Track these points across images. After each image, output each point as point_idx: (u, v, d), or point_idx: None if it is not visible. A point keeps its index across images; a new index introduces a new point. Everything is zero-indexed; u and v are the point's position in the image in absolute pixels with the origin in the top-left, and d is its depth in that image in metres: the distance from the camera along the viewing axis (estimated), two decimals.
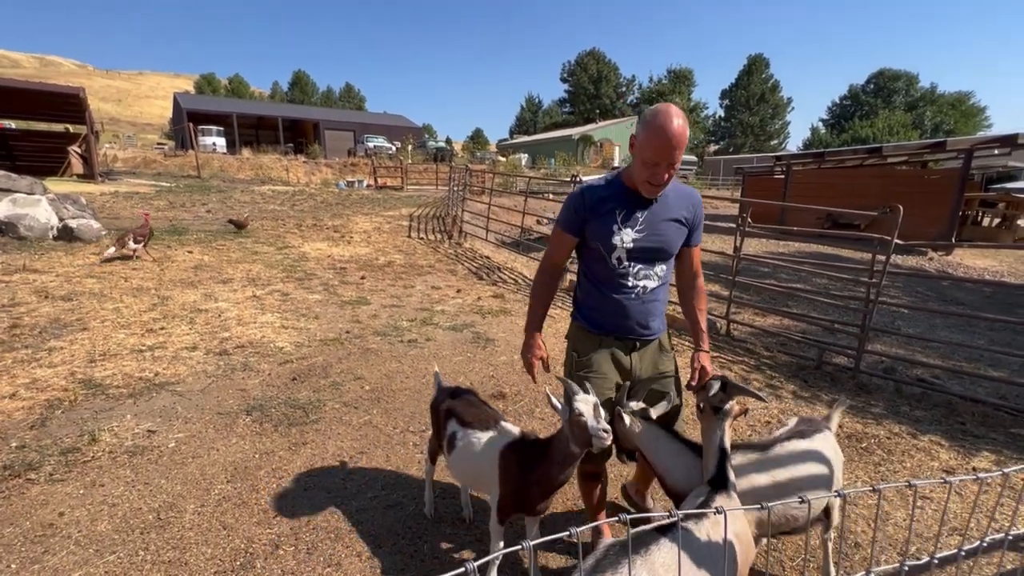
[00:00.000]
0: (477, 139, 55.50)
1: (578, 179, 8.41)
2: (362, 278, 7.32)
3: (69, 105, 16.51)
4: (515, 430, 2.03)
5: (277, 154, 28.12)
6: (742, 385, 1.68)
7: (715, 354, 4.97)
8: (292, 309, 5.70)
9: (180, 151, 26.45)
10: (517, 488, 1.87)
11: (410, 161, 27.20)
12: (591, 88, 57.29)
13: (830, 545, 2.06)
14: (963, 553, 1.00)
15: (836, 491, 1.03)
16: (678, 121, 1.62)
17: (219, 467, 2.80)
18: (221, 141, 30.20)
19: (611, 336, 1.95)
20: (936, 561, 0.78)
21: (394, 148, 31.46)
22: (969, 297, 8.76)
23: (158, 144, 35.86)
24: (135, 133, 45.57)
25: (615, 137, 41.93)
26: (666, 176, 1.71)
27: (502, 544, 1.97)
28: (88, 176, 16.64)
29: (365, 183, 21.53)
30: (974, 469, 3.07)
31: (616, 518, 0.70)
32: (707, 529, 1.36)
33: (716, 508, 0.68)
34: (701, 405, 1.74)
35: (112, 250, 7.05)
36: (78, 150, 17.05)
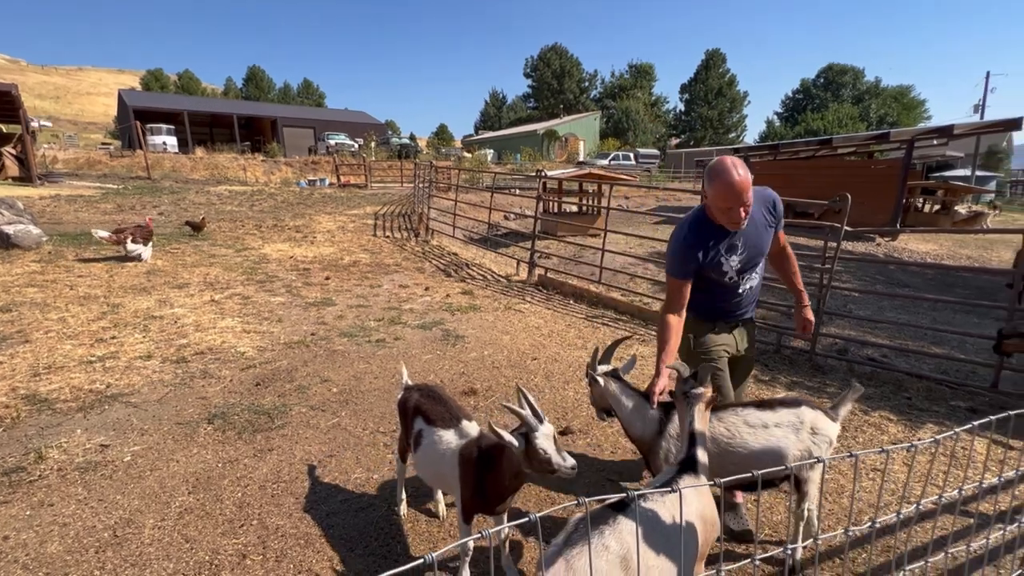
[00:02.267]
0: (442, 135, 54.89)
1: (543, 174, 8.45)
2: (327, 279, 7.16)
3: (1, 103, 15.43)
4: (474, 430, 2.02)
5: (233, 153, 27.10)
6: (713, 372, 1.74)
7: None
8: (254, 313, 5.52)
9: (127, 151, 25.13)
10: (474, 489, 1.87)
11: (374, 158, 26.68)
12: (554, 83, 57.52)
13: (807, 514, 2.16)
14: (900, 516, 1.06)
15: (787, 467, 1.08)
16: (740, 171, 1.88)
17: (179, 479, 2.69)
18: (172, 140, 28.84)
19: (720, 321, 2.27)
20: (877, 526, 0.83)
21: (356, 145, 30.77)
22: (913, 280, 9.29)
23: (103, 144, 33.98)
24: (76, 132, 43.03)
25: (580, 132, 42.30)
26: (743, 214, 1.94)
27: (471, 543, 1.98)
28: (25, 179, 15.60)
29: (328, 182, 21.01)
30: (918, 439, 3.27)
31: (575, 502, 0.71)
32: (669, 505, 1.42)
33: (673, 488, 0.71)
34: (674, 392, 1.80)
35: (104, 234, 6.88)
36: (12, 151, 15.96)
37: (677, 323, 2.12)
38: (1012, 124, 14.64)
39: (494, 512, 1.92)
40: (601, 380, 2.19)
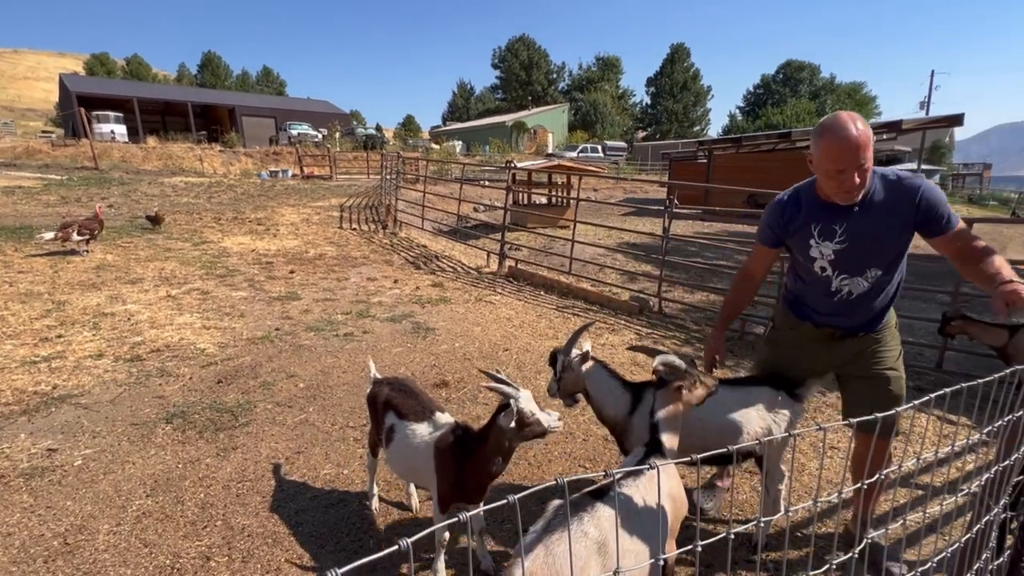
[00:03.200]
0: (409, 126, 53.95)
1: (513, 165, 8.42)
2: (291, 272, 6.95)
3: None
4: (449, 421, 2.00)
5: (189, 143, 25.86)
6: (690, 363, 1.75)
7: (649, 331, 5.20)
8: (214, 308, 5.31)
9: (71, 140, 23.64)
10: (452, 479, 1.85)
11: (338, 149, 26.00)
12: (522, 74, 57.29)
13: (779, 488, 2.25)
14: (841, 494, 1.11)
15: (759, 439, 1.10)
16: (852, 121, 1.50)
17: (136, 481, 2.57)
18: (121, 129, 27.26)
19: (808, 323, 1.89)
20: (818, 504, 0.87)
21: (320, 136, 29.90)
22: None
23: (43, 132, 31.84)
24: (13, 120, 40.20)
25: (548, 124, 42.33)
26: (858, 180, 1.54)
27: (447, 534, 1.97)
28: None
29: (290, 173, 20.36)
30: (875, 416, 3.43)
31: (552, 481, 0.70)
32: (642, 489, 1.45)
33: (650, 464, 0.71)
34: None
35: (50, 235, 6.41)
36: None
37: (741, 282, 2.01)
38: (954, 120, 15.47)
39: (473, 501, 1.91)
40: (578, 364, 2.17)
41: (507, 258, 7.69)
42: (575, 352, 2.22)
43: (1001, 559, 1.21)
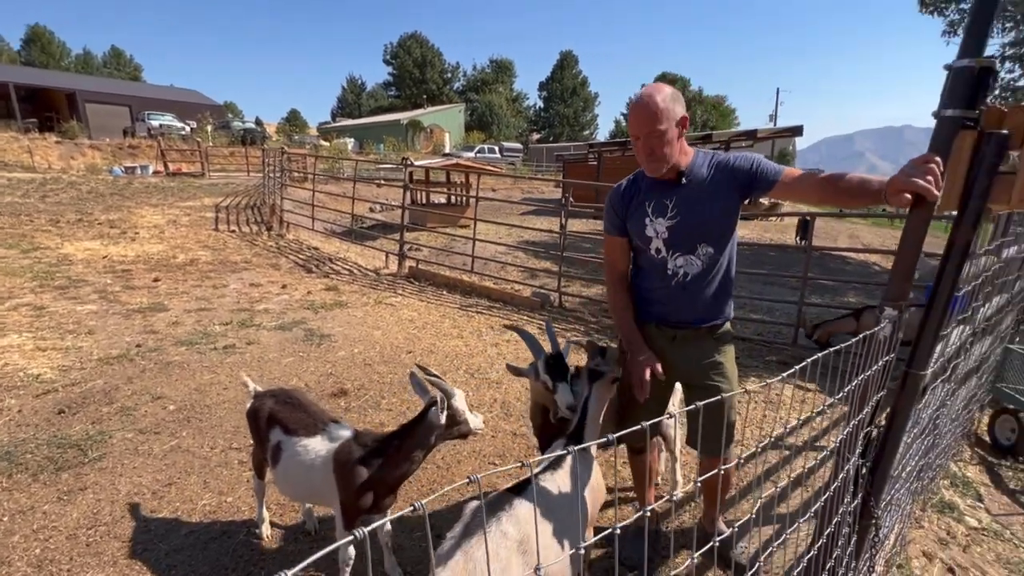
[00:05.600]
0: (294, 121, 50.24)
1: (409, 163, 8.18)
2: (155, 280, 6.09)
3: None
4: (347, 430, 1.86)
5: (13, 131, 21.62)
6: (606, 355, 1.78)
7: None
8: (52, 326, 4.46)
9: None
10: (360, 489, 1.73)
11: (211, 144, 23.41)
12: (416, 72, 56.14)
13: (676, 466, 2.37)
14: (742, 460, 1.21)
15: (671, 413, 1.14)
16: (651, 92, 1.57)
17: None
18: None
19: (651, 324, 1.86)
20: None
21: (188, 128, 26.67)
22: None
23: None
24: None
25: (444, 123, 41.96)
26: (655, 147, 1.61)
27: (352, 550, 1.82)
28: None
29: (152, 169, 17.87)
30: (746, 391, 3.84)
31: (466, 480, 0.64)
32: (560, 480, 1.45)
33: (567, 449, 0.68)
34: (579, 370, 1.80)
35: None
36: None
37: (616, 295, 1.89)
38: (796, 131, 18.04)
39: (383, 508, 1.82)
40: (559, 392, 1.85)
41: (407, 258, 7.45)
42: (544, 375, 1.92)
43: (856, 500, 1.39)
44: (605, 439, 0.72)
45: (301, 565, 0.52)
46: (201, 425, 3.03)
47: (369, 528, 0.55)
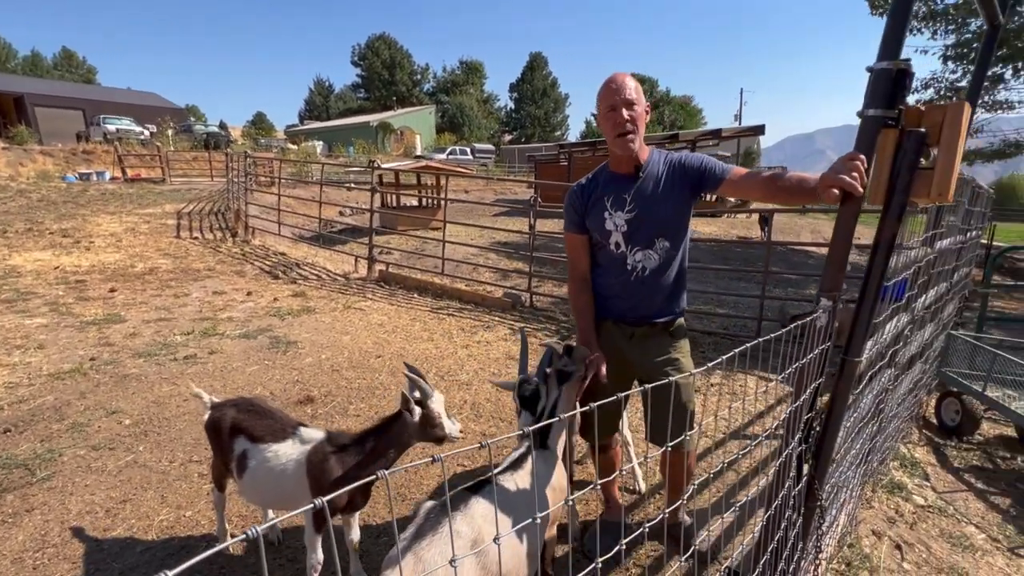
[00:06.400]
0: (260, 124, 49.04)
1: (377, 165, 8.09)
2: (112, 291, 5.86)
3: None
4: (318, 433, 1.85)
5: None
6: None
7: (522, 324, 5.37)
8: None
9: None
10: (334, 489, 1.71)
11: (172, 148, 22.65)
12: (385, 74, 55.53)
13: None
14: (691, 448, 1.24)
15: (637, 390, 1.16)
16: (626, 77, 1.70)
17: None
18: None
19: (609, 320, 1.90)
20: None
21: (148, 133, 25.72)
22: (701, 255, 11.21)
23: None
24: None
25: (415, 125, 41.64)
26: (627, 115, 1.66)
27: (320, 554, 1.80)
28: None
29: (109, 176, 17.18)
30: (711, 385, 3.94)
31: (432, 458, 0.66)
32: (520, 479, 1.45)
33: (523, 430, 0.69)
34: (548, 371, 1.76)
35: None
36: None
37: (578, 296, 1.90)
38: (758, 130, 18.57)
39: (357, 508, 1.85)
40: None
41: (377, 262, 7.38)
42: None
43: (800, 484, 1.45)
44: (557, 418, 0.73)
45: (185, 565, 0.52)
46: (159, 439, 2.94)
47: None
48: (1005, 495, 2.83)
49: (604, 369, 1.75)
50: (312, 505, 0.56)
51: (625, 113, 1.67)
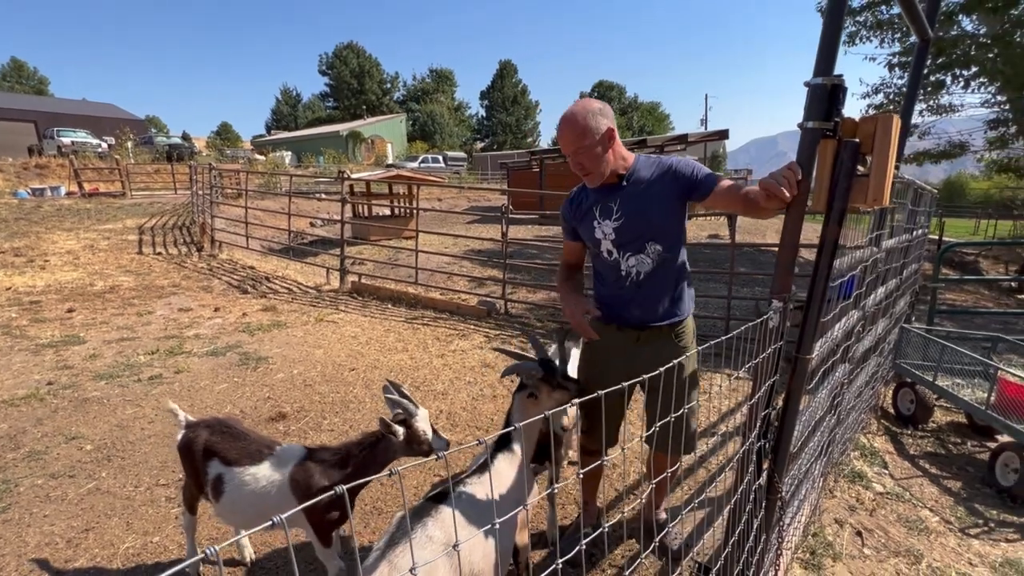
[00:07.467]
0: (225, 135, 47.94)
1: (346, 175, 8.01)
2: (70, 311, 5.64)
3: None
4: (297, 449, 1.84)
5: None
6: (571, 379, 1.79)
7: (497, 332, 5.40)
8: None
9: None
10: (328, 505, 1.71)
11: (132, 161, 21.93)
12: (354, 83, 55.05)
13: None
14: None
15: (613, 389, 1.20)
16: (575, 110, 1.69)
17: None
18: None
19: (613, 325, 1.92)
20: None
21: (105, 145, 24.84)
22: None
23: None
24: None
25: (386, 134, 41.38)
26: (586, 163, 1.71)
27: (339, 561, 1.81)
28: None
29: (64, 190, 16.50)
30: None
31: (436, 457, 0.67)
32: (487, 485, 1.48)
33: (479, 440, 0.71)
34: (524, 380, 1.77)
35: None
36: None
37: (561, 272, 2.06)
38: (723, 134, 19.14)
39: (340, 524, 1.83)
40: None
41: (349, 273, 7.30)
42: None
43: (760, 478, 1.52)
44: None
45: None
46: (123, 463, 2.84)
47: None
48: (956, 478, 2.99)
49: (594, 308, 1.87)
50: (313, 526, 0.57)
51: (579, 158, 1.73)
